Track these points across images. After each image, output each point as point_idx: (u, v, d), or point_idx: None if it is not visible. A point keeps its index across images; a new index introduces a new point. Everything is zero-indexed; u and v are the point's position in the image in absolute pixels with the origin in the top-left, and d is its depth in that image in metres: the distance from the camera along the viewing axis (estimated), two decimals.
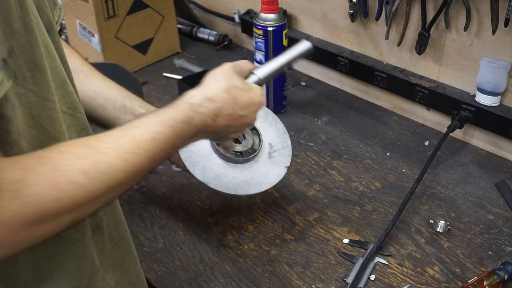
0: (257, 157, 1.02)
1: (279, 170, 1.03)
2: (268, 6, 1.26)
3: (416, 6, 1.23)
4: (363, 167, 1.20)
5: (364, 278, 0.94)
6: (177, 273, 0.97)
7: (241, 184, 0.99)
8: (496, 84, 1.15)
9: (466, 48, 1.19)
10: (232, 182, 0.99)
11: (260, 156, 1.03)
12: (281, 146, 1.05)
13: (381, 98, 1.40)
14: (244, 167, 1.01)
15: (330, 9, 1.41)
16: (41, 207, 0.54)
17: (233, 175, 0.99)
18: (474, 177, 1.17)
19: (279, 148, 1.05)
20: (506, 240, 1.01)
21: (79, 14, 1.52)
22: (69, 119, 0.71)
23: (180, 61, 1.62)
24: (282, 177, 1.02)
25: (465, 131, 1.26)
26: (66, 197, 0.56)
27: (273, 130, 1.06)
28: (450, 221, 1.05)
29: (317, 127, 1.34)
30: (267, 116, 1.07)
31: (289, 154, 1.05)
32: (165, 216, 1.09)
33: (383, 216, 1.07)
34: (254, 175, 1.01)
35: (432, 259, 0.98)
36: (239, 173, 1.00)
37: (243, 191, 0.99)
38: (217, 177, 0.98)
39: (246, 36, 1.67)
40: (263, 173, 1.01)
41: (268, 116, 1.07)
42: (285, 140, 1.06)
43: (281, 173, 1.02)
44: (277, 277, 0.95)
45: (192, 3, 1.79)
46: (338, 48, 1.44)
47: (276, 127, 1.07)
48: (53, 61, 0.67)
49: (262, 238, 1.03)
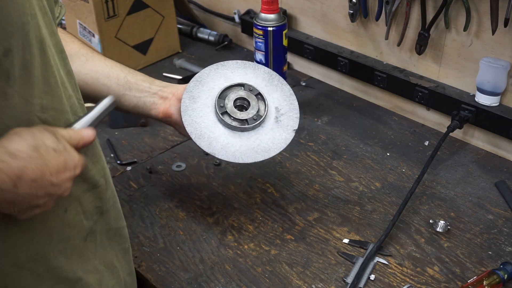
0: (263, 123, 1.00)
1: (287, 134, 1.01)
2: (268, 6, 1.26)
3: (416, 6, 1.23)
4: (363, 167, 1.20)
5: (364, 278, 0.94)
6: (177, 273, 0.97)
7: (248, 152, 0.98)
8: (496, 84, 1.15)
9: (466, 48, 1.19)
10: (239, 150, 0.97)
11: (267, 122, 1.01)
12: (288, 109, 1.03)
13: (381, 98, 1.40)
14: (250, 134, 0.99)
15: (330, 9, 1.42)
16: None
17: (239, 143, 0.98)
18: (474, 177, 1.17)
19: (287, 111, 1.03)
20: (506, 240, 1.01)
21: (79, 14, 1.52)
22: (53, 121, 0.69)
23: (180, 61, 1.62)
24: (290, 141, 1.01)
25: (465, 131, 1.27)
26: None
27: (279, 93, 1.04)
28: (450, 221, 1.05)
29: (317, 127, 1.34)
30: (272, 79, 1.05)
31: (296, 116, 1.02)
32: (165, 216, 1.09)
33: (383, 216, 1.07)
34: (261, 141, 0.99)
35: (432, 259, 0.98)
36: (246, 140, 0.99)
37: (250, 158, 0.98)
38: (224, 147, 0.97)
39: (246, 36, 1.67)
40: (270, 138, 1.00)
41: (274, 79, 1.05)
42: (292, 102, 1.04)
43: (288, 137, 1.01)
44: (277, 277, 0.95)
45: (192, 3, 1.79)
46: (338, 48, 1.44)
47: (282, 90, 1.04)
48: (48, 66, 0.67)
49: (262, 238, 1.03)
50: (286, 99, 1.03)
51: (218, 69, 1.03)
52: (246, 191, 1.14)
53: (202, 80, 1.01)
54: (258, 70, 1.04)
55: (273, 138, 1.00)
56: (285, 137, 1.00)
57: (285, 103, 1.03)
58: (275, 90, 1.03)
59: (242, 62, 1.05)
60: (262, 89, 1.02)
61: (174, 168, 1.21)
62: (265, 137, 0.99)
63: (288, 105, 1.03)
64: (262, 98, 1.01)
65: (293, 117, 1.02)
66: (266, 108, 1.00)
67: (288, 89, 1.04)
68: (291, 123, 1.02)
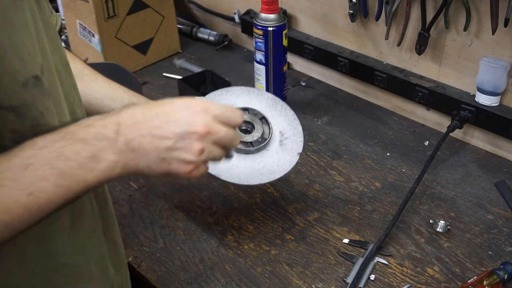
0: (268, 146, 1.01)
1: (291, 157, 1.02)
2: (268, 6, 1.26)
3: (416, 6, 1.23)
4: (363, 167, 1.20)
5: (364, 278, 0.94)
6: (177, 273, 0.97)
7: (253, 174, 0.99)
8: (496, 84, 1.15)
9: (466, 48, 1.19)
10: (244, 172, 0.98)
11: (271, 145, 1.02)
12: (293, 133, 1.04)
13: (381, 98, 1.40)
14: (255, 157, 1.00)
15: (330, 9, 1.42)
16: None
17: (244, 165, 0.99)
18: (474, 177, 1.17)
19: (291, 135, 1.04)
20: (506, 240, 1.01)
21: (79, 14, 1.52)
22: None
23: (180, 61, 1.62)
24: (294, 163, 1.02)
25: (465, 131, 1.27)
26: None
27: (283, 118, 1.05)
28: (450, 221, 1.05)
29: (317, 127, 1.34)
30: (276, 104, 1.06)
31: (301, 140, 1.04)
32: (165, 216, 1.09)
33: (383, 216, 1.07)
34: (266, 164, 1.00)
35: (432, 259, 0.98)
36: (251, 163, 0.99)
37: (255, 180, 0.98)
38: (229, 169, 0.98)
39: (246, 36, 1.67)
40: (275, 161, 1.01)
41: (277, 105, 1.06)
42: (296, 126, 1.05)
43: (293, 160, 1.02)
44: (277, 277, 0.95)
45: (192, 3, 1.79)
46: (338, 48, 1.44)
47: (286, 115, 1.06)
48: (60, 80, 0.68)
49: (262, 238, 1.03)
50: (290, 124, 1.05)
51: (223, 95, 1.04)
52: (246, 191, 1.14)
53: None
54: (262, 96, 1.06)
55: (278, 160, 1.01)
56: (290, 159, 1.02)
57: (289, 128, 1.05)
58: (279, 115, 1.05)
59: (246, 88, 1.06)
60: (266, 113, 1.03)
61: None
62: (270, 160, 1.01)
63: (292, 129, 1.05)
64: (266, 121, 1.02)
65: (297, 141, 1.04)
66: (270, 131, 1.02)
67: (291, 114, 1.06)
68: (295, 147, 1.03)
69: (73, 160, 0.58)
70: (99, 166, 0.59)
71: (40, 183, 0.56)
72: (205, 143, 0.65)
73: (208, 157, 0.66)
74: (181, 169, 0.64)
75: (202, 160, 0.65)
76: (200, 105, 0.65)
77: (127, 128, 0.61)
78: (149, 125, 0.62)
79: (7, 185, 0.55)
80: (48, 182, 0.57)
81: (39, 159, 0.56)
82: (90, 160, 0.59)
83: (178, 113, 0.64)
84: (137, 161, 0.62)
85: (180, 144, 0.63)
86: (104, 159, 0.60)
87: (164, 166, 0.63)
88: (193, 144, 0.63)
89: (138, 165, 0.62)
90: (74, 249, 0.71)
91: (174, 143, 0.63)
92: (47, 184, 0.57)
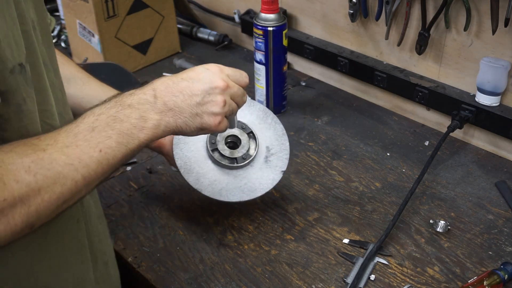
0: (253, 161, 1.02)
1: (274, 175, 1.02)
2: (268, 6, 1.26)
3: (416, 6, 1.23)
4: (363, 167, 1.20)
5: (364, 278, 0.94)
6: (177, 273, 0.97)
7: (234, 191, 1.00)
8: (496, 84, 1.15)
9: (466, 48, 1.19)
10: (225, 188, 0.99)
11: (256, 161, 1.02)
12: (279, 149, 1.04)
13: (381, 98, 1.40)
14: (238, 172, 1.01)
15: (330, 9, 1.41)
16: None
17: (226, 181, 1.00)
18: (474, 177, 1.17)
19: (277, 151, 1.04)
20: (506, 240, 1.01)
21: (79, 14, 1.52)
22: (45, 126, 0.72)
23: (180, 61, 1.62)
24: (277, 182, 1.02)
25: (465, 131, 1.26)
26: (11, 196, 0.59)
27: (271, 132, 1.06)
28: (450, 221, 1.05)
29: (317, 127, 1.34)
30: (267, 117, 1.06)
31: (286, 157, 1.04)
32: (165, 216, 1.09)
33: (383, 216, 1.07)
34: (249, 180, 1.01)
35: (432, 259, 0.98)
36: (233, 179, 1.00)
37: (236, 197, 1.00)
38: (211, 184, 0.99)
39: (246, 36, 1.67)
40: (257, 178, 1.01)
41: (268, 117, 1.06)
42: (283, 142, 1.05)
43: (276, 178, 1.02)
44: (277, 277, 0.95)
45: (192, 3, 1.79)
46: (338, 48, 1.44)
47: (275, 129, 1.06)
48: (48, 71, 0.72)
49: (262, 238, 1.03)
50: (278, 139, 1.05)
51: None
52: None
53: None
54: (253, 107, 1.06)
55: (260, 178, 1.01)
56: (273, 177, 1.02)
57: (276, 143, 1.05)
58: (268, 129, 1.05)
59: None
60: (255, 126, 1.03)
61: (173, 168, 1.21)
62: (253, 177, 1.01)
63: (279, 145, 1.05)
64: (254, 136, 1.02)
65: (283, 158, 1.04)
66: (256, 148, 1.02)
67: (281, 129, 1.06)
68: (280, 164, 1.03)
69: (126, 122, 0.70)
70: (147, 125, 0.72)
71: (106, 141, 0.67)
72: (225, 96, 0.78)
73: (229, 109, 0.80)
74: (211, 121, 0.77)
75: (225, 112, 0.79)
76: (216, 67, 0.80)
77: (161, 92, 0.74)
78: (179, 87, 0.75)
79: (81, 145, 0.65)
80: (111, 140, 0.68)
81: (101, 123, 0.68)
82: (139, 120, 0.71)
83: (201, 75, 0.77)
84: (176, 118, 0.74)
85: (206, 98, 0.77)
86: (150, 118, 0.72)
87: (198, 120, 0.76)
88: (217, 97, 0.77)
89: (177, 122, 0.75)
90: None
91: (202, 98, 0.76)
92: (111, 142, 0.68)
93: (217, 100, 0.77)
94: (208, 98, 0.77)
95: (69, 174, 0.63)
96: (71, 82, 0.97)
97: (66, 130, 0.67)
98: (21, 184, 0.59)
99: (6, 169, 0.59)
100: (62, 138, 0.65)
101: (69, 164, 0.63)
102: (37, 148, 0.63)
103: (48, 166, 0.62)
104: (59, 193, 0.63)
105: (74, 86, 0.98)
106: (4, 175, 0.58)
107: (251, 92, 1.44)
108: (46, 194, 0.61)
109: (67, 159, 0.63)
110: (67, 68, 0.98)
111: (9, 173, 0.59)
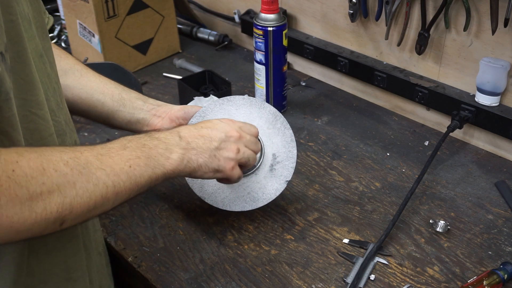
0: (257, 170, 1.01)
1: (278, 184, 1.01)
2: (268, 6, 1.26)
3: (416, 6, 1.23)
4: (363, 167, 1.20)
5: (364, 278, 0.94)
6: (177, 273, 0.97)
7: (237, 200, 1.00)
8: (496, 84, 1.15)
9: (466, 48, 1.19)
10: (228, 197, 1.00)
11: (261, 169, 1.01)
12: (285, 157, 1.02)
13: (381, 98, 1.41)
14: (242, 182, 1.00)
15: (330, 9, 1.42)
16: (28, 187, 0.59)
17: (230, 190, 1.00)
18: (474, 177, 1.17)
19: (283, 159, 1.02)
20: (506, 240, 1.01)
21: (79, 14, 1.52)
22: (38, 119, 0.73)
23: (180, 61, 1.62)
24: (280, 192, 1.01)
25: (465, 131, 1.27)
26: (50, 182, 0.62)
27: (280, 138, 1.03)
28: (450, 221, 1.05)
29: (317, 127, 1.34)
30: (276, 121, 1.03)
31: (292, 166, 1.02)
32: (165, 216, 1.09)
33: (383, 216, 1.07)
34: (252, 190, 1.00)
35: (432, 259, 0.98)
36: (237, 188, 1.00)
37: (238, 207, 1.00)
38: (214, 192, 1.00)
39: (246, 36, 1.67)
40: (260, 188, 1.01)
41: (277, 122, 1.03)
42: (290, 150, 1.02)
43: (280, 188, 1.01)
44: (277, 277, 0.95)
45: (192, 3, 1.79)
46: (338, 48, 1.44)
47: (284, 135, 1.03)
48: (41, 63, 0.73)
49: (262, 238, 1.03)
50: (285, 146, 1.02)
51: (224, 105, 1.02)
52: None
53: (205, 116, 1.01)
54: (263, 110, 1.03)
55: (264, 188, 1.01)
56: (276, 187, 1.01)
57: (283, 150, 1.02)
58: (276, 134, 1.03)
59: (249, 99, 1.03)
60: (263, 132, 1.01)
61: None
62: (256, 186, 1.00)
63: (286, 152, 1.02)
64: (260, 145, 1.00)
65: (289, 166, 1.02)
66: (262, 157, 1.00)
67: (290, 134, 1.03)
68: (285, 173, 1.02)
69: (154, 149, 0.78)
70: (172, 156, 0.80)
71: (136, 160, 0.74)
72: (239, 144, 0.88)
73: (243, 157, 0.89)
74: (227, 164, 0.87)
75: (239, 159, 0.88)
76: (229, 120, 0.91)
77: (185, 134, 0.84)
78: (200, 132, 0.86)
79: (114, 157, 0.71)
80: (140, 160, 0.74)
81: (132, 145, 0.75)
82: (165, 151, 0.79)
83: (217, 125, 0.89)
84: (197, 157, 0.83)
85: (223, 145, 0.87)
86: (175, 151, 0.80)
87: (216, 162, 0.86)
88: (231, 145, 0.88)
89: (199, 160, 0.84)
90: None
91: (219, 144, 0.86)
92: (140, 161, 0.74)
93: (231, 147, 0.87)
94: (224, 144, 0.87)
95: (101, 177, 0.68)
96: (69, 74, 0.98)
97: (101, 144, 0.73)
98: (59, 173, 0.63)
99: (46, 159, 0.62)
100: (97, 148, 0.71)
101: (102, 169, 0.68)
102: (75, 149, 0.68)
103: (84, 165, 0.66)
104: (91, 192, 0.66)
105: (72, 78, 0.99)
106: (44, 163, 0.62)
107: (251, 92, 1.45)
108: (80, 190, 0.65)
109: (100, 164, 0.68)
110: (65, 60, 0.99)
111: (49, 162, 0.62)
